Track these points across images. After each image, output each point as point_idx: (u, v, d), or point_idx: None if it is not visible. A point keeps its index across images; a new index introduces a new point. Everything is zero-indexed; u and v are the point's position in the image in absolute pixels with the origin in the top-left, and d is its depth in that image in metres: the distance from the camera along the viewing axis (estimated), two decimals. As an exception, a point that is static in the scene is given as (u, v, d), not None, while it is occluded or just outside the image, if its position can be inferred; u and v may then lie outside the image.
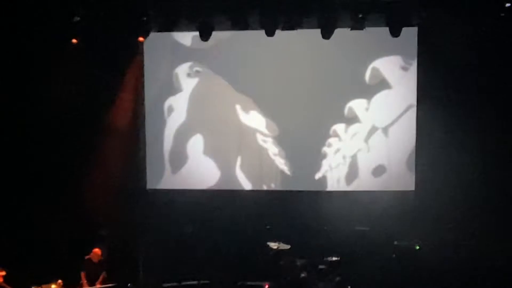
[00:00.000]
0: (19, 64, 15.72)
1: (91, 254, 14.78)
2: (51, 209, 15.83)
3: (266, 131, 16.80)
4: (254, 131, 16.87)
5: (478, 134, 15.44)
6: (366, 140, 16.42)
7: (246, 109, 16.87)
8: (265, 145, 16.84)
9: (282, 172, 16.77)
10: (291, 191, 16.73)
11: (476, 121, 15.47)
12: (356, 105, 16.46)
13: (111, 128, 16.60)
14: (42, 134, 16.09)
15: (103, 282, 14.50)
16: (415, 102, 16.04)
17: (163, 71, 17.09)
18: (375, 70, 16.33)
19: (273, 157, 16.81)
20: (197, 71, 17.00)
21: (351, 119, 16.49)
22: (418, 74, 15.99)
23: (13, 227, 15.53)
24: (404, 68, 16.18)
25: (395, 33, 15.19)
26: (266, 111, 16.82)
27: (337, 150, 16.52)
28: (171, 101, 17.19)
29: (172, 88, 17.10)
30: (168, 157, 17.19)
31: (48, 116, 16.02)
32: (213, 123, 17.07)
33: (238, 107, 16.90)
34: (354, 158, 16.47)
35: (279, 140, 16.79)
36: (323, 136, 16.57)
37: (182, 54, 16.98)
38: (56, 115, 16.03)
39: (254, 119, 16.88)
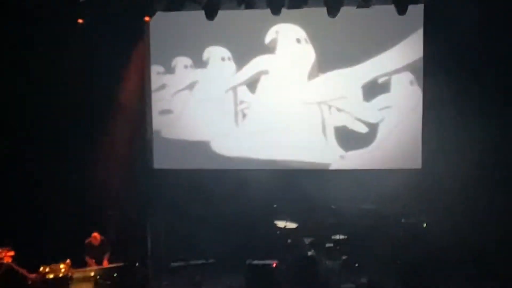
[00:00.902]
0: (25, 45, 15.71)
1: (91, 238, 14.82)
2: (59, 189, 15.92)
3: (274, 111, 16.83)
4: (262, 109, 16.88)
5: (486, 112, 15.42)
6: (373, 118, 16.40)
7: (252, 88, 16.87)
8: (274, 122, 16.87)
9: (289, 150, 16.81)
10: (298, 170, 16.74)
11: (484, 98, 15.45)
12: (361, 83, 16.44)
13: (117, 108, 16.62)
14: (48, 114, 16.08)
15: (109, 262, 14.55)
16: (421, 80, 16.00)
17: (169, 50, 17.06)
18: (381, 48, 16.29)
19: (281, 134, 16.83)
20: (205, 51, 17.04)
21: (357, 98, 16.47)
22: (425, 51, 15.94)
23: (21, 207, 15.58)
24: (411, 46, 16.13)
25: (401, 11, 15.13)
26: (271, 90, 16.83)
27: (344, 128, 16.51)
28: (177, 80, 17.19)
29: (178, 67, 17.07)
30: (175, 137, 17.19)
31: (54, 96, 16.02)
32: (220, 101, 17.08)
33: (243, 87, 16.93)
34: (361, 136, 16.45)
35: (287, 117, 16.83)
36: (328, 113, 16.58)
37: (188, 34, 16.93)
38: (62, 95, 16.03)
39: (260, 97, 16.88)
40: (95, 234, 14.83)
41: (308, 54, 16.63)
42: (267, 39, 16.75)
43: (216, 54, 16.99)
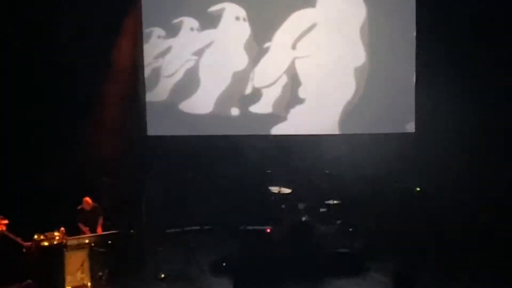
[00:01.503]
0: (10, 15, 15.65)
1: (83, 204, 14.79)
2: (53, 157, 15.90)
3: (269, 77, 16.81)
4: (257, 75, 16.88)
5: (481, 75, 15.45)
6: (366, 81, 16.38)
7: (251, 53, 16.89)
8: (267, 87, 16.84)
9: (282, 115, 16.80)
10: (291, 135, 16.76)
11: (479, 61, 15.45)
12: (355, 49, 16.41)
13: (111, 73, 16.55)
14: (41, 82, 16.05)
15: (103, 228, 14.56)
16: (414, 46, 15.97)
17: (162, 13, 16.99)
18: (375, 15, 16.28)
19: (275, 100, 16.81)
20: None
21: (351, 62, 16.44)
22: (417, 12, 15.96)
23: (14, 176, 15.59)
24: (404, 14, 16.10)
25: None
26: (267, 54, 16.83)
27: (337, 93, 16.49)
28: (170, 42, 17.12)
29: (172, 31, 17.02)
30: (168, 103, 17.16)
31: (47, 63, 15.98)
32: (215, 65, 17.05)
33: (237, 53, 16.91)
34: (354, 100, 16.43)
35: (282, 83, 16.80)
36: (324, 79, 16.60)
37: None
38: (55, 62, 15.97)
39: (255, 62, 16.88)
40: (87, 198, 14.76)
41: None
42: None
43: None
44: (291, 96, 16.77)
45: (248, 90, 16.95)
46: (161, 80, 17.18)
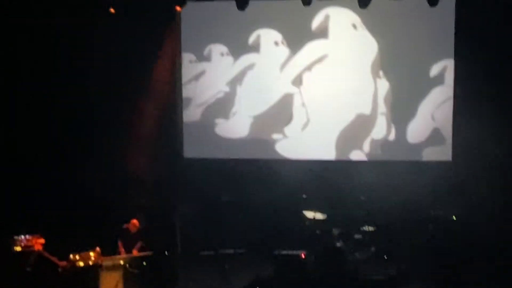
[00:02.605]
0: (57, 34, 15.79)
1: (129, 224, 14.80)
2: (90, 178, 16.00)
3: (305, 101, 16.81)
4: (293, 100, 16.88)
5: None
6: (403, 109, 16.34)
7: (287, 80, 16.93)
8: (304, 114, 16.86)
9: (319, 141, 16.79)
10: (328, 161, 16.73)
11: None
12: (394, 75, 16.40)
13: (148, 96, 16.68)
14: (79, 102, 16.15)
15: (139, 251, 14.62)
16: (452, 72, 15.91)
17: (200, 40, 17.08)
18: (412, 40, 16.21)
19: (310, 126, 16.81)
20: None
21: (389, 89, 16.42)
22: (456, 43, 15.84)
23: (52, 196, 15.69)
24: (442, 38, 16.02)
25: (432, 2, 15.05)
26: (303, 83, 16.82)
27: (374, 121, 16.48)
28: (207, 68, 17.22)
29: (209, 56, 17.10)
30: (205, 125, 17.24)
31: (86, 85, 16.12)
32: (252, 91, 17.12)
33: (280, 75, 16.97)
34: (391, 128, 16.40)
35: (317, 108, 16.80)
36: (362, 105, 16.58)
37: (219, 24, 16.94)
38: (94, 84, 16.13)
39: (292, 89, 16.88)
40: (135, 221, 14.83)
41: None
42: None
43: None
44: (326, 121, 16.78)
45: (286, 115, 16.98)
46: (198, 103, 17.26)
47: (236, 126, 17.14)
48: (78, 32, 15.82)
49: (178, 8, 16.38)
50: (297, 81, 16.80)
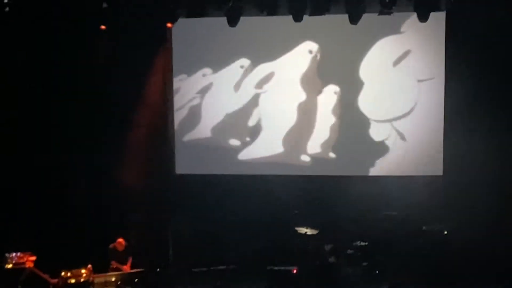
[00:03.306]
0: (48, 51, 15.83)
1: (116, 243, 14.84)
2: (81, 193, 16.02)
3: (296, 121, 16.87)
4: (284, 116, 16.93)
5: (509, 118, 15.37)
6: (394, 125, 16.38)
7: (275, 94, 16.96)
8: (295, 132, 16.90)
9: (311, 156, 16.81)
10: (319, 176, 16.73)
11: (506, 105, 15.41)
12: (383, 90, 16.44)
13: (140, 113, 16.68)
14: (71, 120, 16.18)
15: (131, 267, 14.61)
16: (443, 87, 15.97)
17: (192, 57, 17.13)
18: (403, 55, 16.28)
19: (302, 142, 16.85)
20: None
21: (379, 106, 16.48)
22: (446, 58, 15.90)
23: (43, 212, 15.66)
24: (432, 54, 16.10)
25: (423, 18, 15.12)
26: (295, 98, 16.87)
27: (365, 135, 16.51)
28: (200, 86, 17.23)
29: (201, 74, 17.15)
30: (197, 142, 17.24)
31: (77, 102, 16.14)
32: (242, 107, 17.12)
33: (265, 94, 17.00)
34: (381, 143, 16.44)
35: (309, 127, 16.84)
36: (350, 119, 16.64)
37: (211, 40, 16.99)
38: (85, 101, 16.17)
39: (282, 108, 16.94)
40: (121, 240, 14.86)
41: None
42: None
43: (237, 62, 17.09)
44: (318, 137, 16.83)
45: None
46: (191, 118, 17.27)
47: (228, 141, 17.12)
48: (70, 49, 15.84)
49: (169, 25, 16.41)
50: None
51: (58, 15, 15.44)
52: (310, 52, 16.78)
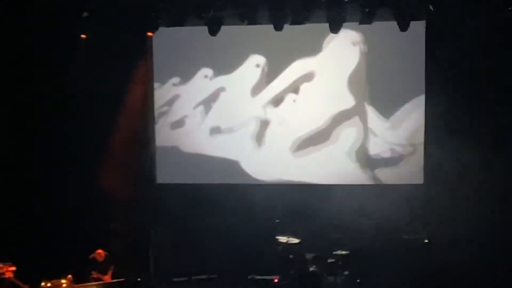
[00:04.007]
0: (28, 60, 15.79)
1: (95, 254, 14.79)
2: (62, 204, 15.94)
3: (277, 126, 16.85)
4: (264, 123, 16.92)
5: (488, 128, 15.45)
6: (374, 134, 16.42)
7: (256, 103, 16.97)
8: (275, 138, 16.89)
9: (291, 165, 16.83)
10: (300, 184, 16.75)
11: (485, 115, 15.49)
12: (364, 98, 16.48)
13: (121, 122, 16.63)
14: (52, 129, 16.12)
15: (112, 277, 14.56)
16: (423, 97, 16.04)
17: (173, 65, 17.12)
18: (383, 63, 16.34)
19: (283, 150, 16.85)
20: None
21: (360, 113, 16.52)
22: (426, 68, 15.98)
23: (23, 222, 15.59)
24: (413, 62, 16.15)
25: (403, 27, 15.19)
26: (273, 105, 16.91)
27: (345, 144, 16.55)
28: (180, 94, 17.23)
29: (182, 82, 17.14)
30: (177, 151, 17.22)
31: (57, 112, 16.08)
32: (223, 115, 17.11)
33: (247, 100, 17.01)
34: (362, 152, 16.48)
35: (290, 135, 16.84)
36: (330, 129, 16.64)
37: (191, 49, 16.99)
38: (65, 110, 16.11)
39: (263, 113, 16.92)
40: (100, 251, 14.82)
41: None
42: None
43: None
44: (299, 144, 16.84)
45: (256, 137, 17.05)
46: (171, 127, 17.25)
47: (208, 150, 17.10)
48: (50, 58, 15.81)
49: (150, 34, 16.40)
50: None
51: (38, 24, 15.40)
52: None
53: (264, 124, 16.92)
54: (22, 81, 15.85)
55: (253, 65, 16.95)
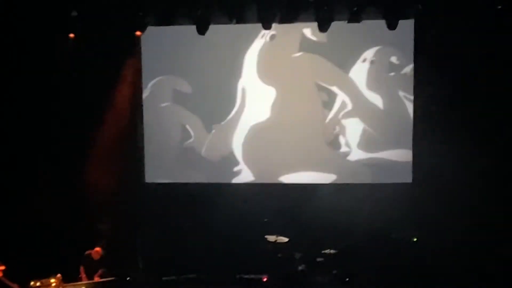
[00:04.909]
0: (16, 59, 15.74)
1: (93, 251, 14.76)
2: (50, 203, 15.89)
3: (265, 124, 16.84)
4: (253, 124, 16.91)
5: (476, 127, 15.47)
6: (362, 132, 16.45)
7: (244, 103, 16.96)
8: (264, 138, 16.87)
9: (279, 164, 16.83)
10: (288, 184, 16.76)
11: (474, 113, 15.49)
12: (354, 98, 16.49)
13: (109, 121, 16.59)
14: (39, 129, 16.10)
15: (101, 277, 14.53)
16: (411, 95, 16.06)
17: (161, 64, 17.10)
18: (371, 62, 16.35)
19: (272, 149, 16.84)
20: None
21: (348, 112, 16.53)
22: (415, 66, 16.01)
23: (12, 222, 15.55)
24: (401, 61, 16.18)
25: (391, 26, 15.21)
26: (261, 105, 16.90)
27: (334, 143, 16.56)
28: (169, 93, 17.20)
29: (171, 81, 17.13)
30: (166, 150, 17.20)
31: (45, 111, 16.06)
32: (212, 115, 17.09)
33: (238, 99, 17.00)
34: (350, 150, 16.49)
35: (277, 132, 16.82)
36: (318, 129, 16.65)
37: (179, 48, 16.98)
38: (53, 109, 16.09)
39: (251, 114, 16.93)
40: (98, 249, 14.80)
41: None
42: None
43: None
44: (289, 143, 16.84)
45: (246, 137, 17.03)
46: (159, 127, 17.24)
47: (197, 149, 17.09)
48: (37, 58, 15.78)
49: (138, 33, 16.37)
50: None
51: (27, 23, 15.37)
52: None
53: (253, 123, 16.91)
54: (9, 80, 15.80)
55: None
